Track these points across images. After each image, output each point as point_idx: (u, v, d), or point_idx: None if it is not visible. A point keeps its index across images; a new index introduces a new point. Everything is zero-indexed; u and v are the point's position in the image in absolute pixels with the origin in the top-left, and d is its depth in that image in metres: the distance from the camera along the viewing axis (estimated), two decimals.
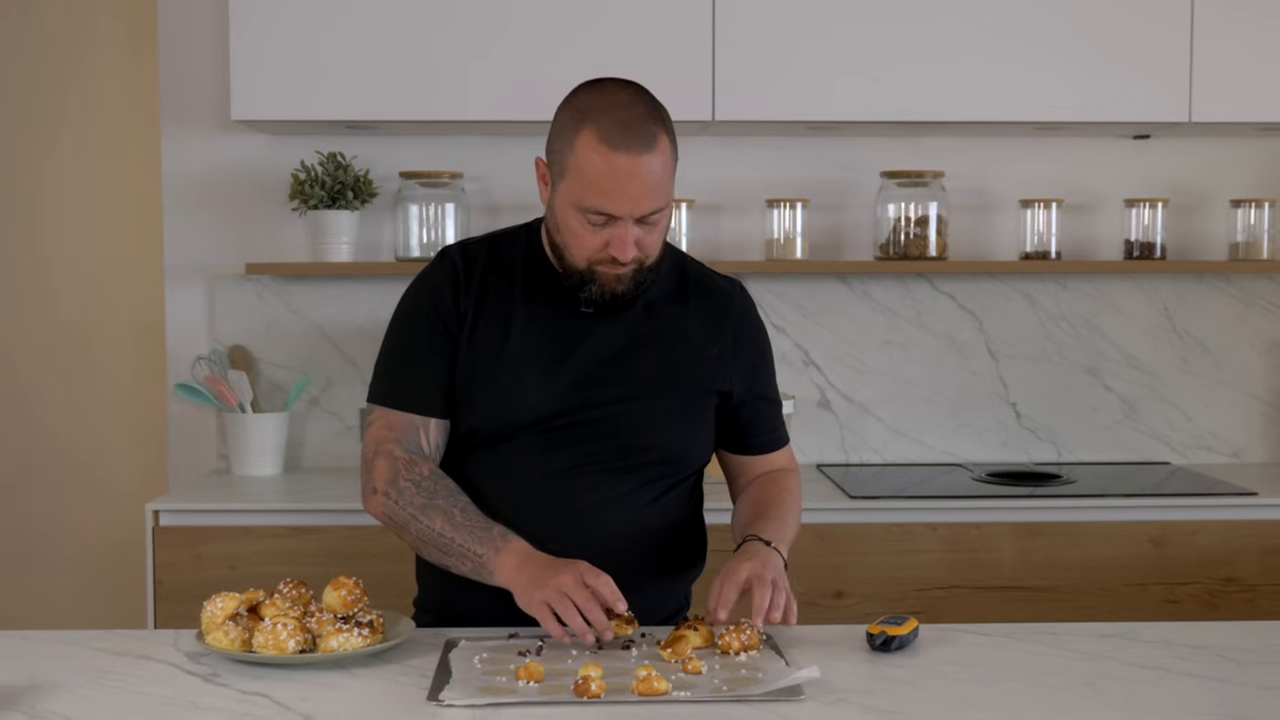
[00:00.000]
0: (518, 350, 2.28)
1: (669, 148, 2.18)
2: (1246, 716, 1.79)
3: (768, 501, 2.36)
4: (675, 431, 2.34)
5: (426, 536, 2.18)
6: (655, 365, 2.31)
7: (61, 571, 4.15)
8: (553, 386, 2.27)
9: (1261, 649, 2.11)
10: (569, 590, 2.00)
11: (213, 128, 3.83)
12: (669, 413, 2.32)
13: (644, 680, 1.86)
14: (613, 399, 2.28)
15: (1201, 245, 3.96)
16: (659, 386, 2.31)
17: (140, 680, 1.95)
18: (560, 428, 2.27)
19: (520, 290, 2.31)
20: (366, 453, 2.29)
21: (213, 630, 2.04)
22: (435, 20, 3.51)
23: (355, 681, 1.95)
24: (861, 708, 1.82)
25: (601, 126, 2.13)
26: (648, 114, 2.17)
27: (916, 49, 3.53)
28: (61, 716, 1.78)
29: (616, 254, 2.18)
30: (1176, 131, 3.81)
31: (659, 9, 3.51)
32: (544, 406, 2.27)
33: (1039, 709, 1.83)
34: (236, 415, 3.73)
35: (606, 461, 2.29)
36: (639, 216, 2.16)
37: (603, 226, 2.17)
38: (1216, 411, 3.99)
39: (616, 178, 2.13)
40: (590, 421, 2.27)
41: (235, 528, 3.34)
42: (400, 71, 3.51)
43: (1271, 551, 3.42)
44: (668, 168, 2.18)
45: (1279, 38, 3.57)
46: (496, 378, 2.28)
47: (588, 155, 2.14)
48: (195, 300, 3.89)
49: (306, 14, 3.50)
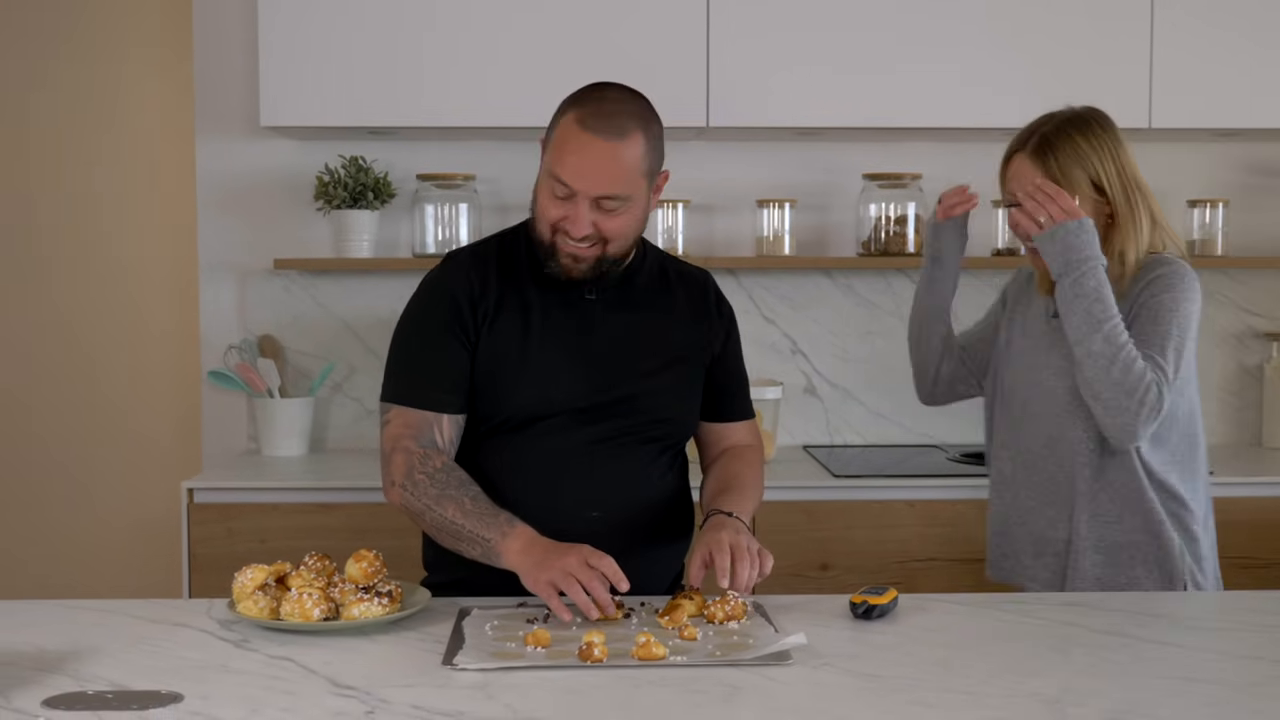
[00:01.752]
0: (542, 339, 2.30)
1: (641, 145, 2.20)
2: (1200, 679, 1.79)
3: (730, 476, 2.39)
4: (685, 405, 2.39)
5: (440, 524, 2.18)
6: (660, 344, 2.35)
7: (103, 545, 4.15)
8: (579, 370, 2.30)
9: (1215, 617, 2.11)
10: (574, 570, 2.00)
11: (243, 133, 3.83)
12: (678, 388, 2.37)
13: (643, 646, 1.86)
14: (631, 377, 2.31)
15: None
16: (666, 363, 2.35)
17: (176, 646, 1.94)
18: (588, 408, 2.29)
19: (532, 282, 2.33)
20: (385, 449, 2.29)
21: (243, 599, 2.04)
22: (449, 34, 3.50)
23: (375, 647, 1.94)
24: (845, 671, 1.82)
25: (584, 111, 2.19)
26: (629, 112, 2.21)
27: (895, 62, 3.53)
28: (104, 680, 1.78)
29: (570, 227, 2.20)
30: (1137, 136, 3.79)
31: (657, 24, 3.51)
32: (574, 389, 2.29)
33: (1009, 672, 1.83)
34: (265, 400, 3.73)
35: (629, 435, 2.32)
36: (595, 196, 2.18)
37: (564, 200, 2.20)
38: None
39: (581, 153, 2.17)
40: (616, 401, 2.30)
41: (264, 504, 3.34)
42: (417, 81, 3.51)
43: (1228, 526, 3.39)
44: (635, 162, 2.19)
45: (1233, 49, 3.57)
46: (527, 366, 2.29)
47: (564, 131, 2.19)
48: (227, 293, 3.89)
49: (330, 28, 3.50)
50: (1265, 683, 1.78)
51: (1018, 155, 2.54)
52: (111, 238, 4.11)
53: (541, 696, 1.71)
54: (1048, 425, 2.54)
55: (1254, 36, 3.57)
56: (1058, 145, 2.50)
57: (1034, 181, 2.47)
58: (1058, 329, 2.53)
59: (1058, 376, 2.53)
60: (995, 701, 1.70)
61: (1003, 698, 1.72)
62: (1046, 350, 2.56)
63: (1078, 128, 2.52)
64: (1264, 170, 3.95)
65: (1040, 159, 2.50)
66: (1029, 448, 2.58)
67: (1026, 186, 2.48)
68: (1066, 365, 2.50)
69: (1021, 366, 2.61)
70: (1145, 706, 1.67)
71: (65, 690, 1.73)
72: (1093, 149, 2.50)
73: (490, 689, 1.74)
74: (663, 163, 2.30)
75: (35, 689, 1.73)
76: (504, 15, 3.50)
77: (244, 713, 1.65)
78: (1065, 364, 2.51)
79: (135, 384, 4.14)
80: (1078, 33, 3.56)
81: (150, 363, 4.14)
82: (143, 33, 4.05)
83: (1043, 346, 2.57)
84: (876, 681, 1.78)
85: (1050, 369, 2.54)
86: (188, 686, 1.75)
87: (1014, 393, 2.62)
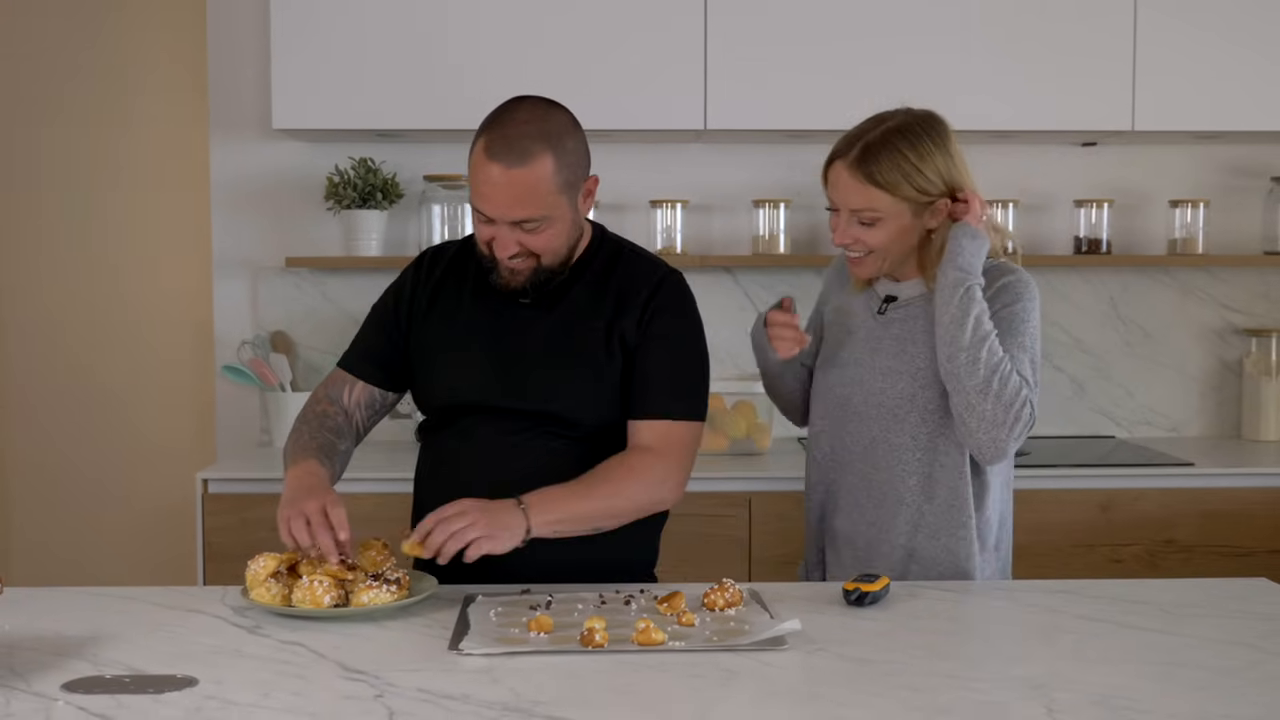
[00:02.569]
0: (460, 339, 2.32)
1: (549, 164, 2.14)
2: (1182, 663, 1.79)
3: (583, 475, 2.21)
4: (592, 403, 2.28)
5: (286, 451, 2.30)
6: (573, 344, 2.28)
7: (121, 534, 4.15)
8: (489, 370, 2.29)
9: (1197, 604, 2.11)
10: (309, 513, 2.06)
11: (256, 136, 3.83)
12: (585, 387, 2.28)
13: (643, 631, 1.86)
14: (543, 379, 2.27)
15: (1143, 241, 3.95)
16: (576, 363, 2.28)
17: (191, 631, 1.95)
18: (499, 407, 2.28)
19: (472, 286, 2.34)
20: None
21: (255, 587, 2.04)
22: (454, 42, 3.51)
23: (384, 633, 1.94)
24: (837, 656, 1.82)
25: (490, 138, 2.16)
26: (535, 134, 2.15)
27: (887, 66, 3.52)
28: (121, 664, 1.78)
29: (496, 251, 2.21)
30: (1120, 139, 3.81)
31: (657, 31, 3.51)
32: (485, 387, 2.29)
33: (996, 657, 1.83)
34: (277, 393, 3.73)
35: (536, 431, 2.27)
36: (511, 221, 2.17)
37: (486, 224, 2.20)
38: (1156, 390, 3.98)
39: (490, 183, 2.15)
40: (522, 400, 2.27)
41: (276, 495, 3.26)
42: (424, 86, 3.51)
43: (1207, 516, 3.41)
44: (544, 183, 2.15)
45: (1213, 54, 3.57)
46: (437, 363, 2.34)
47: (476, 159, 2.18)
48: (240, 290, 3.89)
49: (339, 36, 3.50)
50: (1245, 668, 1.78)
51: (839, 163, 2.33)
52: (129, 236, 4.10)
53: (544, 680, 1.71)
54: (870, 427, 2.37)
55: (1234, 42, 3.57)
56: (881, 157, 2.28)
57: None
58: (885, 327, 2.39)
59: (886, 378, 2.36)
60: (983, 685, 1.70)
61: (990, 682, 1.72)
62: (872, 351, 2.39)
63: (904, 138, 2.30)
64: (1243, 171, 3.95)
65: (862, 170, 2.29)
66: (848, 447, 2.40)
67: (849, 200, 2.30)
68: (897, 367, 2.35)
69: (843, 363, 2.42)
70: (1129, 691, 1.67)
71: (84, 675, 1.73)
72: (920, 159, 2.28)
73: (495, 673, 1.74)
74: (588, 169, 2.23)
75: (55, 673, 1.73)
76: (507, 24, 3.50)
77: (256, 696, 1.65)
78: (895, 365, 2.35)
79: (152, 378, 4.14)
80: (1064, 39, 3.55)
81: (166, 358, 4.13)
82: (160, 41, 4.05)
83: (868, 347, 2.40)
84: (868, 666, 1.78)
85: (877, 370, 2.37)
86: (202, 671, 1.75)
87: (832, 390, 2.43)
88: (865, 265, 2.37)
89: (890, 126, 2.31)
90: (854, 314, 2.46)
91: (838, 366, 2.43)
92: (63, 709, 1.61)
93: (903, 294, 2.41)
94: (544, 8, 3.51)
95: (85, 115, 4.07)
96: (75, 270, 4.11)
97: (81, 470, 4.15)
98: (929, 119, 2.35)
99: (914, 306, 2.39)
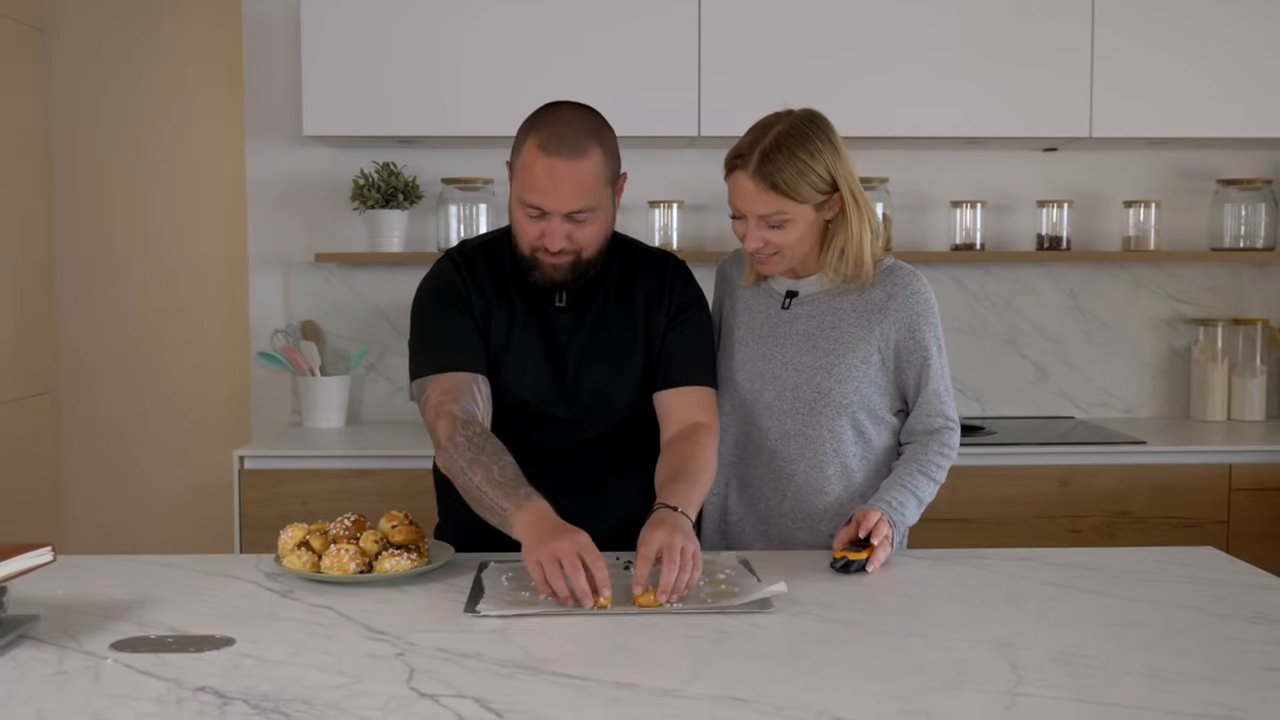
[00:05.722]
0: (520, 341, 2.24)
1: (599, 158, 2.12)
2: (1135, 624, 1.79)
3: (681, 460, 2.15)
4: (634, 393, 2.27)
5: (469, 489, 2.05)
6: (618, 343, 2.26)
7: (165, 506, 4.15)
8: (545, 372, 2.24)
9: (1148, 570, 2.10)
10: (562, 555, 1.84)
11: (288, 142, 3.82)
12: (632, 382, 2.27)
13: (643, 595, 1.85)
14: (592, 380, 2.24)
15: (1100, 239, 3.94)
16: (624, 360, 2.26)
17: (228, 596, 1.94)
18: (547, 411, 2.24)
19: (514, 288, 2.26)
20: (429, 420, 2.16)
21: (287, 555, 2.03)
22: (469, 58, 3.50)
23: (405, 597, 1.94)
24: (820, 619, 1.82)
25: (542, 136, 2.11)
26: (585, 130, 2.13)
27: (866, 77, 3.52)
28: (165, 625, 1.78)
29: (548, 244, 2.14)
30: (1079, 145, 3.79)
31: (653, 41, 3.50)
32: (541, 390, 2.24)
33: (968, 619, 1.82)
34: (307, 378, 3.73)
35: (585, 427, 2.25)
36: (567, 212, 2.12)
37: (538, 219, 2.13)
38: (1112, 375, 3.98)
39: (548, 176, 2.10)
40: (571, 400, 2.24)
41: (306, 470, 3.34)
42: (442, 96, 3.50)
43: (1158, 490, 3.41)
44: (597, 175, 2.12)
45: (1164, 68, 3.56)
46: (507, 364, 2.24)
47: (529, 157, 2.12)
48: (274, 283, 3.88)
49: (365, 49, 3.49)
50: (1191, 628, 1.78)
51: (740, 173, 2.20)
52: (172, 234, 4.10)
53: (552, 639, 1.71)
54: (784, 421, 2.27)
55: (1183, 58, 3.56)
56: (780, 163, 2.16)
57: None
58: (791, 323, 2.29)
59: (800, 373, 2.26)
60: (955, 645, 1.70)
61: (961, 641, 1.71)
62: (780, 344, 2.28)
63: (795, 139, 2.19)
64: (1192, 174, 3.94)
65: (765, 178, 2.17)
66: (755, 440, 2.30)
67: (756, 207, 2.19)
68: (810, 362, 2.25)
69: (748, 355, 2.31)
70: (1085, 648, 1.67)
71: (130, 635, 1.73)
72: (811, 157, 2.18)
73: (507, 633, 1.73)
74: (620, 166, 2.21)
75: (104, 634, 1.73)
76: (519, 46, 3.49)
77: (288, 654, 1.65)
78: (807, 360, 2.26)
79: (192, 365, 4.14)
80: (1028, 55, 3.54)
81: (206, 346, 4.13)
82: (199, 53, 4.04)
83: (775, 339, 2.29)
84: (850, 627, 1.78)
85: (786, 364, 2.27)
86: (239, 631, 1.74)
87: (738, 383, 2.31)
88: (775, 264, 2.26)
89: (781, 131, 2.20)
90: (755, 309, 2.34)
91: (745, 361, 2.31)
92: (111, 666, 1.60)
93: (804, 290, 2.31)
94: (553, 32, 3.50)
95: (132, 125, 4.07)
96: (121, 267, 4.10)
97: (130, 450, 4.15)
98: (812, 118, 2.25)
99: (818, 302, 2.29)
